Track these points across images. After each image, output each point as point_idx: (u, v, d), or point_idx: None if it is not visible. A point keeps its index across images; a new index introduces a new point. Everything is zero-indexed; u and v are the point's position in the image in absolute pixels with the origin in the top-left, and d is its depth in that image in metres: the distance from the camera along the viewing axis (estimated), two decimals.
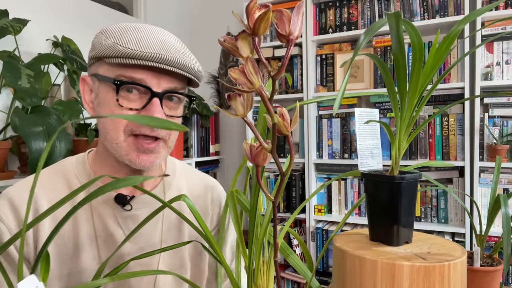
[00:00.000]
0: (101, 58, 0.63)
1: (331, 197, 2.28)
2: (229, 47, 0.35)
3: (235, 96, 0.37)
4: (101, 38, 0.63)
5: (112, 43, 0.61)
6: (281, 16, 0.33)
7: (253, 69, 0.34)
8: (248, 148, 0.39)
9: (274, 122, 0.36)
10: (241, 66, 0.34)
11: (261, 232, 0.51)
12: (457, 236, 1.98)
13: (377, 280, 0.50)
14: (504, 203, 0.70)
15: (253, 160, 0.39)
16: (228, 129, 2.79)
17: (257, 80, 0.35)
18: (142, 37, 0.62)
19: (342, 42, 2.28)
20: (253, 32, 0.33)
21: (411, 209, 0.56)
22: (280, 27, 0.34)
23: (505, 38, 1.89)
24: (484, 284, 0.72)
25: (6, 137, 1.60)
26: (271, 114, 0.36)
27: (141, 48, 0.60)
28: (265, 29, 0.33)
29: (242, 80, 0.35)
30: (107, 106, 0.64)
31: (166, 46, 0.62)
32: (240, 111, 0.38)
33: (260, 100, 0.37)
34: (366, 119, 0.64)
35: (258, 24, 0.32)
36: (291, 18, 0.34)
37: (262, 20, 0.32)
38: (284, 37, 0.34)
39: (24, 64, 1.52)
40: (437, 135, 2.03)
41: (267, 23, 0.33)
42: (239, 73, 0.34)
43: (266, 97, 0.36)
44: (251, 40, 0.34)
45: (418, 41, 0.48)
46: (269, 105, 0.36)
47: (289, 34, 0.34)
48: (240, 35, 0.34)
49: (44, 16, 1.84)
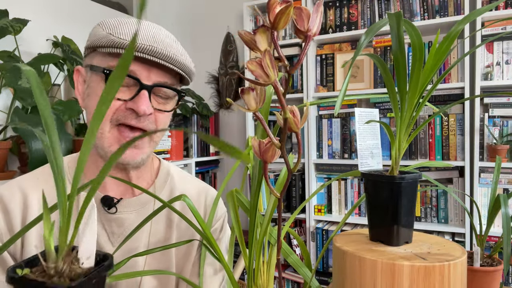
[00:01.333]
0: (95, 49, 0.64)
1: (331, 197, 2.28)
2: (248, 39, 0.35)
3: (248, 91, 0.38)
4: (97, 29, 0.64)
5: (106, 33, 0.61)
6: (300, 13, 0.35)
7: (270, 62, 0.35)
8: (257, 144, 0.40)
9: (285, 117, 0.37)
10: (258, 59, 0.35)
11: (261, 232, 0.51)
12: (457, 236, 1.98)
13: (377, 280, 0.50)
14: (504, 203, 0.70)
15: (262, 156, 0.40)
16: (228, 129, 2.79)
17: (273, 73, 0.35)
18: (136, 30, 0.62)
19: (342, 42, 2.28)
20: (273, 26, 0.34)
21: (411, 209, 0.56)
22: (299, 23, 0.35)
23: (505, 38, 1.89)
24: (484, 284, 0.72)
25: (6, 137, 1.60)
26: (283, 109, 0.37)
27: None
28: (285, 24, 0.34)
29: (259, 72, 0.35)
30: (96, 95, 0.64)
31: (158, 40, 0.62)
32: (253, 106, 0.38)
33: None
34: (366, 119, 0.64)
35: (279, 18, 0.33)
36: (310, 15, 0.35)
37: (283, 15, 0.33)
38: (302, 33, 0.35)
39: (24, 64, 1.52)
40: (437, 135, 2.03)
41: (287, 18, 0.34)
42: (256, 65, 0.35)
43: (281, 91, 0.36)
44: (270, 35, 0.35)
45: (418, 41, 0.48)
46: (282, 100, 0.36)
47: (308, 30, 0.35)
48: (259, 29, 0.35)
49: (44, 16, 1.84)
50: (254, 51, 0.35)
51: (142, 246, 0.71)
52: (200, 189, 0.82)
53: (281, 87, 0.36)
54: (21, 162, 1.63)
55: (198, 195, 0.81)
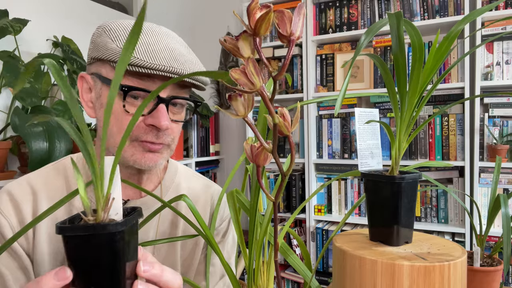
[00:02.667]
0: (105, 61, 0.62)
1: (331, 197, 2.28)
2: (230, 47, 0.35)
3: (236, 96, 0.37)
4: (105, 40, 0.62)
5: (119, 48, 0.59)
6: (282, 16, 0.33)
7: (254, 70, 0.34)
8: (249, 148, 0.39)
9: (275, 123, 0.36)
10: (242, 66, 0.34)
11: (261, 232, 0.51)
12: (457, 236, 1.98)
13: (377, 280, 0.50)
14: (504, 203, 0.70)
15: (254, 160, 0.39)
16: (228, 129, 2.79)
17: (258, 80, 0.34)
18: (151, 44, 0.61)
19: (342, 42, 2.28)
20: (254, 32, 0.33)
21: (411, 209, 0.56)
22: (281, 28, 0.34)
23: (505, 38, 1.89)
24: (484, 284, 0.72)
25: (6, 137, 1.60)
26: (272, 115, 0.36)
27: (151, 59, 0.59)
28: (266, 30, 0.33)
29: (243, 80, 0.34)
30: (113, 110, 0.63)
31: (176, 56, 0.61)
32: (241, 111, 0.38)
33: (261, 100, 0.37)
34: (366, 119, 0.64)
35: (259, 24, 0.32)
36: (292, 18, 0.33)
37: (263, 21, 0.32)
38: (285, 38, 0.34)
39: (24, 64, 1.52)
40: (437, 135, 2.03)
41: (268, 24, 0.32)
42: (240, 74, 0.34)
43: (267, 97, 0.35)
44: (252, 41, 0.34)
45: (418, 41, 0.48)
46: (270, 106, 0.36)
47: (291, 34, 0.34)
48: (241, 35, 0.34)
49: (44, 16, 1.84)
50: (238, 58, 0.35)
51: (148, 247, 0.71)
52: (205, 186, 0.83)
53: (268, 93, 0.36)
54: (21, 162, 1.63)
55: (204, 192, 0.82)
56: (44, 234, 0.64)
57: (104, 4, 2.32)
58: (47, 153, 1.37)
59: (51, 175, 0.69)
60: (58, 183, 0.69)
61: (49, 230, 0.65)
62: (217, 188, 0.85)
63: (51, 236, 0.65)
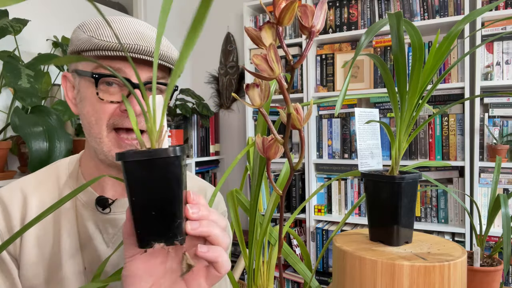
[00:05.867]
0: (79, 53, 0.62)
1: (331, 197, 2.28)
2: (254, 36, 0.36)
3: (253, 86, 0.39)
4: (78, 33, 0.62)
5: (88, 36, 0.60)
6: (305, 10, 0.36)
7: (275, 57, 0.36)
8: (261, 141, 0.40)
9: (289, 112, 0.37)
10: (263, 53, 0.36)
11: (261, 232, 0.51)
12: (457, 236, 1.98)
13: (377, 280, 0.50)
14: (504, 203, 0.70)
15: (265, 153, 0.40)
16: (228, 129, 2.79)
17: (278, 68, 0.36)
18: (118, 28, 0.61)
19: (342, 42, 2.28)
20: (278, 21, 0.35)
21: (411, 209, 0.56)
22: (304, 20, 0.36)
23: (505, 38, 1.89)
24: (484, 284, 0.72)
25: (6, 137, 1.60)
26: (287, 104, 0.38)
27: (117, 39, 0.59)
28: (290, 20, 0.35)
29: (264, 66, 0.36)
30: (89, 101, 0.62)
31: (142, 37, 0.61)
32: (257, 102, 0.39)
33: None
34: (366, 119, 0.64)
35: (284, 14, 0.34)
36: (314, 12, 0.36)
37: (288, 10, 0.34)
38: (306, 29, 0.37)
39: (24, 64, 1.52)
40: (437, 135, 2.03)
41: (292, 14, 0.35)
42: (262, 60, 0.36)
43: (285, 86, 0.37)
44: (275, 30, 0.36)
45: (418, 41, 0.48)
46: (287, 95, 0.37)
47: (312, 26, 0.36)
48: (265, 25, 0.36)
49: (44, 16, 1.84)
50: (260, 47, 0.37)
51: None
52: (199, 187, 0.81)
53: (285, 82, 0.37)
54: (21, 162, 1.63)
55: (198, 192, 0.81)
56: (32, 237, 0.64)
57: (104, 4, 2.32)
58: (47, 153, 1.37)
59: (43, 178, 0.69)
60: (50, 187, 0.68)
61: (37, 233, 0.64)
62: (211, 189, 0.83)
63: (40, 239, 0.64)
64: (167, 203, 0.38)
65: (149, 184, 0.37)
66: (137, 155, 0.36)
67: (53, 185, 0.69)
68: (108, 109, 0.61)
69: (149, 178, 0.37)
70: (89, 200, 0.67)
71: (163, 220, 0.38)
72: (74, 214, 0.67)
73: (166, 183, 0.37)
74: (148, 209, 0.37)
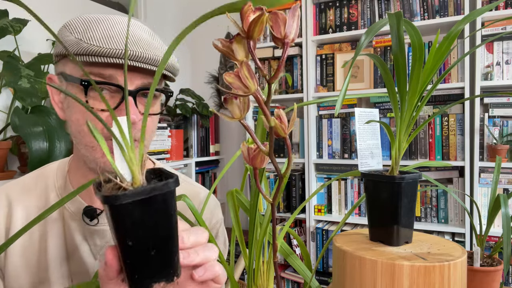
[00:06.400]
0: (65, 56, 0.58)
1: (331, 197, 2.28)
2: (225, 50, 0.34)
3: (232, 99, 0.37)
4: (64, 33, 0.58)
5: (75, 39, 0.55)
6: (276, 18, 0.33)
7: (248, 74, 0.33)
8: (246, 150, 0.39)
9: (271, 125, 0.36)
10: (236, 70, 0.34)
11: (261, 232, 0.51)
12: (457, 236, 1.98)
13: (377, 280, 0.50)
14: (504, 203, 0.70)
15: (251, 163, 0.39)
16: (228, 129, 2.79)
17: (253, 84, 0.34)
18: (109, 30, 0.56)
19: (342, 42, 2.28)
20: (248, 35, 0.33)
21: (411, 209, 0.56)
22: (275, 30, 0.33)
23: (505, 38, 1.89)
24: (484, 284, 0.72)
25: (6, 137, 1.60)
26: (267, 118, 0.35)
27: (108, 45, 0.54)
28: (260, 32, 0.32)
29: (238, 84, 0.34)
30: (77, 108, 0.58)
31: (136, 40, 0.57)
32: (237, 114, 0.37)
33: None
34: (366, 119, 0.64)
35: (253, 27, 0.32)
36: (286, 20, 0.33)
37: (257, 24, 0.32)
38: (279, 40, 0.33)
39: (24, 64, 1.52)
40: (437, 135, 2.03)
41: (261, 27, 0.32)
42: (234, 78, 0.34)
43: (262, 100, 0.35)
44: (246, 44, 0.34)
45: (418, 41, 0.48)
46: (265, 109, 0.35)
47: (285, 37, 0.33)
48: (235, 38, 0.34)
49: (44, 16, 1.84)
50: (232, 60, 0.34)
51: None
52: (194, 193, 0.77)
53: (263, 96, 0.35)
54: (21, 162, 1.63)
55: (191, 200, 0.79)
56: (17, 246, 0.62)
57: (104, 4, 2.32)
58: (47, 153, 1.37)
59: (29, 184, 0.67)
60: (36, 192, 0.66)
61: (23, 243, 0.63)
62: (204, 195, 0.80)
63: (25, 248, 0.63)
64: (168, 239, 0.35)
65: (149, 223, 0.33)
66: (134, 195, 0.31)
67: (40, 192, 0.66)
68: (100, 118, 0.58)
69: (149, 217, 0.32)
70: (77, 210, 0.65)
71: (164, 258, 0.35)
72: (62, 224, 0.65)
73: (167, 219, 0.34)
74: (148, 251, 0.33)
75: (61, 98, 0.63)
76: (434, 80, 1.66)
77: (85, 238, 0.65)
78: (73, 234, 0.65)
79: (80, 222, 0.65)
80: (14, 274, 0.62)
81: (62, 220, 0.65)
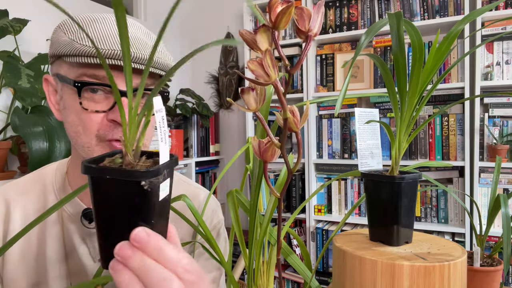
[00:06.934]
0: (59, 57, 0.58)
1: (331, 197, 2.28)
2: (249, 39, 0.35)
3: (249, 90, 0.38)
4: (59, 34, 0.57)
5: (69, 39, 0.54)
6: (301, 13, 0.34)
7: (271, 62, 0.34)
8: (257, 144, 0.40)
9: (286, 117, 0.37)
10: (259, 58, 0.35)
11: (261, 232, 0.51)
12: (457, 236, 1.98)
13: (377, 280, 0.50)
14: (504, 203, 0.70)
15: (261, 156, 0.40)
16: (228, 129, 2.79)
17: (274, 73, 0.35)
18: (103, 31, 0.56)
19: (342, 42, 2.28)
20: (274, 26, 0.34)
21: (411, 209, 0.56)
22: (300, 24, 0.35)
23: (505, 38, 1.89)
24: (484, 284, 0.72)
25: (6, 137, 1.60)
26: (284, 108, 0.37)
27: (102, 45, 0.53)
28: (286, 24, 0.34)
29: (260, 72, 0.35)
30: (73, 109, 0.57)
31: (131, 41, 0.56)
32: (253, 106, 0.38)
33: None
34: (366, 119, 0.64)
35: (280, 18, 0.33)
36: (311, 15, 0.35)
37: (284, 15, 0.33)
38: (303, 33, 0.35)
39: (24, 64, 1.52)
40: (437, 135, 2.03)
41: (288, 18, 0.33)
42: (257, 65, 0.35)
43: (281, 90, 0.36)
44: (270, 34, 0.35)
45: (418, 41, 0.48)
46: (283, 99, 0.36)
47: (309, 30, 0.35)
48: (260, 28, 0.35)
49: (44, 16, 1.84)
50: (255, 51, 0.35)
51: None
52: (193, 194, 0.76)
53: (281, 87, 0.36)
54: (21, 162, 1.63)
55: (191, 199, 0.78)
56: (16, 250, 0.62)
57: (104, 4, 2.32)
58: (47, 153, 1.37)
59: (28, 185, 0.67)
60: (35, 193, 0.66)
61: (21, 246, 0.62)
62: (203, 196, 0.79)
63: (23, 250, 0.63)
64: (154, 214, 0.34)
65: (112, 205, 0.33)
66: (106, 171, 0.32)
67: (38, 193, 0.66)
68: (95, 119, 0.57)
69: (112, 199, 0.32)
70: (76, 212, 0.64)
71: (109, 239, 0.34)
72: (60, 226, 0.65)
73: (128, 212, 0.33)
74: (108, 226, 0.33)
75: (57, 99, 0.62)
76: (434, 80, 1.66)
77: (84, 240, 0.65)
78: (71, 236, 0.64)
79: (79, 224, 0.64)
80: (12, 277, 0.62)
81: (61, 222, 0.65)
